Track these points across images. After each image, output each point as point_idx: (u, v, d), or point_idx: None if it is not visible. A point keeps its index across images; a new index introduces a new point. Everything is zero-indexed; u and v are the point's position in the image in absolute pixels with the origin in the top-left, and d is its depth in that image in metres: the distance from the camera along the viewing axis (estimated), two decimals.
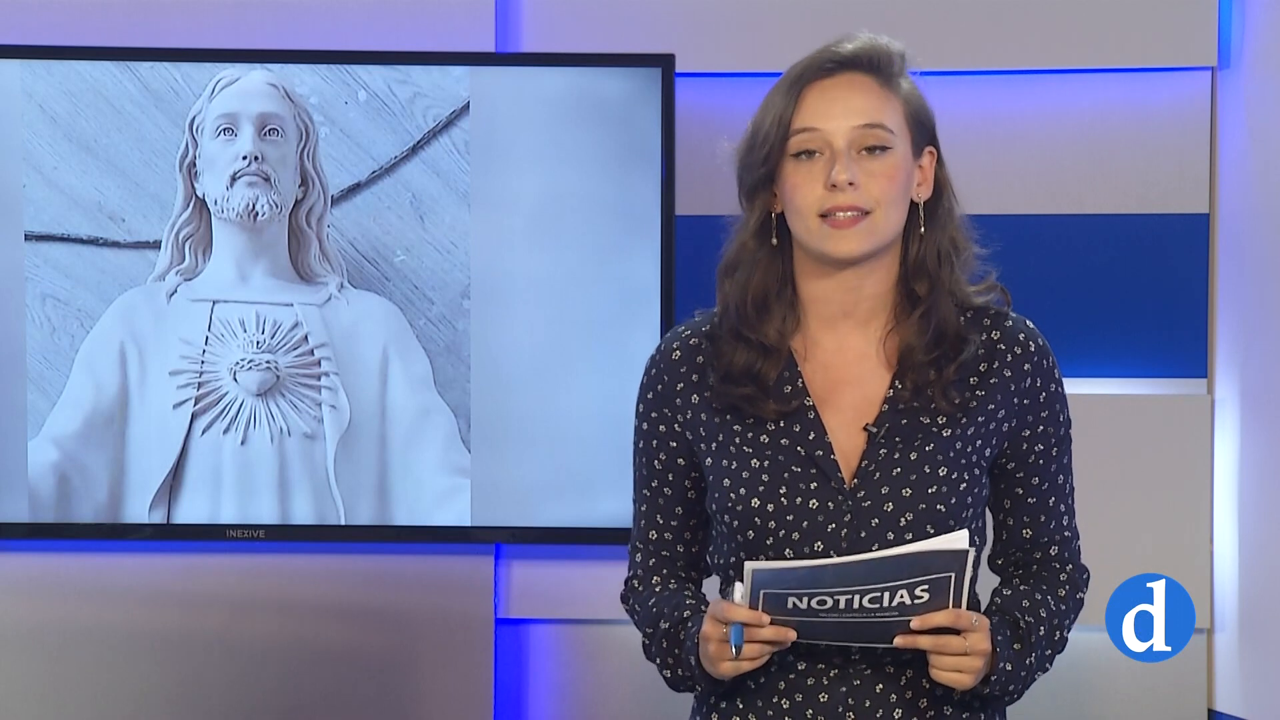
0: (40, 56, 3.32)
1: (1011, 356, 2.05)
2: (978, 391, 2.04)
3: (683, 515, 2.12)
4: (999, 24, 3.40)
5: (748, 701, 2.04)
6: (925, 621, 1.92)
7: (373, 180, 3.35)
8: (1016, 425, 2.06)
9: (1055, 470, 2.09)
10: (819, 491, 2.01)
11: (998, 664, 2.00)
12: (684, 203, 3.33)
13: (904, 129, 2.02)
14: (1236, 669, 3.39)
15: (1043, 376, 2.07)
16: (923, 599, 1.91)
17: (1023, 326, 2.08)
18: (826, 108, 2.00)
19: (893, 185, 1.99)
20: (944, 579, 1.91)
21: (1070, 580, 2.11)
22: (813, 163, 2.00)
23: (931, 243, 2.04)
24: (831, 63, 2.01)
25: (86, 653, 3.46)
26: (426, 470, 3.37)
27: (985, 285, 2.08)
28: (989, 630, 1.97)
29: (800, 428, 2.03)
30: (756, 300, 2.04)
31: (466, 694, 3.46)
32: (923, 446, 2.01)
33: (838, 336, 2.06)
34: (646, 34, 3.41)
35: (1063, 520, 2.11)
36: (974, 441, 2.03)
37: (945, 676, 1.95)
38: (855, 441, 2.03)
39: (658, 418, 2.10)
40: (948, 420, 2.02)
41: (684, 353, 2.09)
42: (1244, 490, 3.37)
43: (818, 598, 1.90)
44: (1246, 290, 3.36)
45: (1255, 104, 3.34)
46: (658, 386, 2.10)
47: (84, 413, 3.35)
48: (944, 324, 2.03)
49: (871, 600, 1.90)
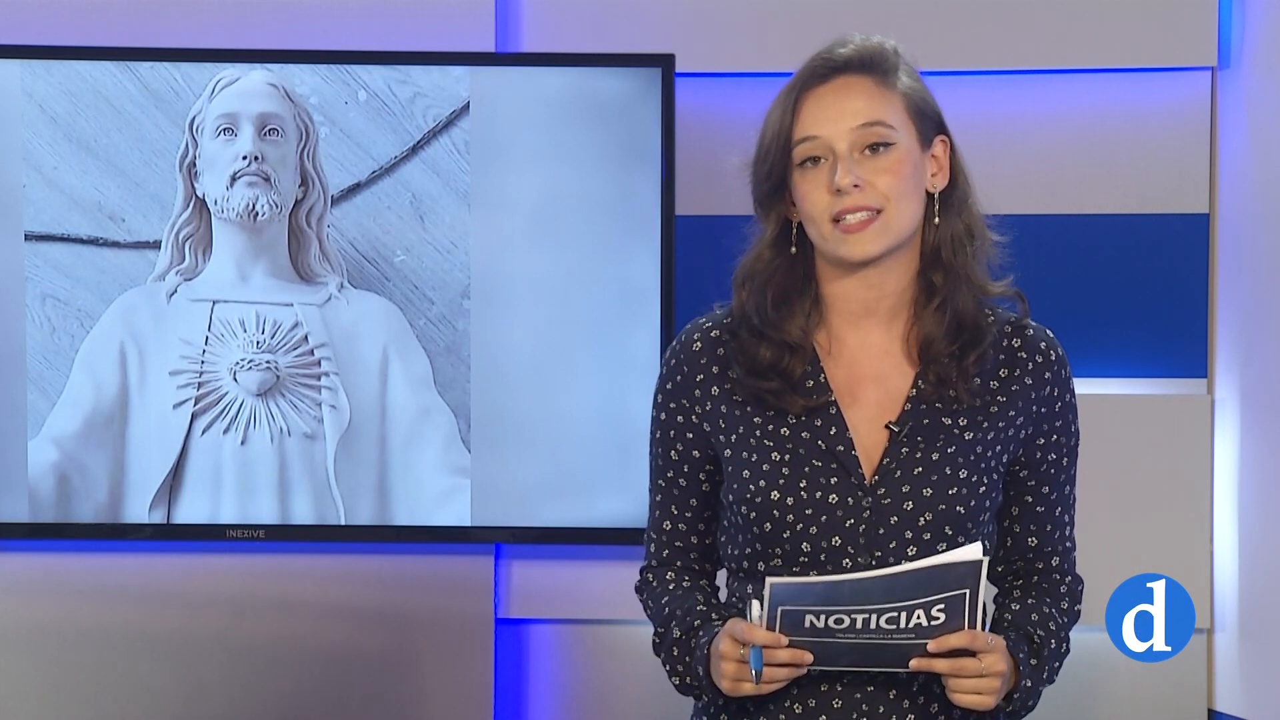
0: (40, 56, 3.32)
1: (1033, 365, 2.06)
2: (999, 397, 2.05)
3: (697, 507, 2.12)
4: (999, 24, 3.40)
5: (759, 705, 2.04)
6: (942, 644, 1.92)
7: (373, 180, 3.35)
8: (1033, 433, 2.07)
9: (1063, 481, 2.10)
10: (839, 486, 2.01)
11: (1020, 682, 2.00)
12: (684, 203, 3.33)
13: (906, 122, 2.02)
14: (1236, 669, 3.39)
15: (1060, 386, 2.08)
16: (939, 620, 1.91)
17: (1043, 336, 2.09)
18: (823, 113, 2.00)
19: (899, 180, 2.00)
20: (959, 597, 1.90)
21: (1070, 592, 2.12)
22: (818, 170, 2.00)
23: (946, 230, 2.05)
24: (825, 69, 2.02)
25: (86, 653, 3.46)
26: (426, 470, 3.37)
27: (1005, 282, 2.08)
28: (1005, 650, 1.97)
29: (822, 423, 2.03)
30: (777, 301, 2.05)
31: (466, 694, 3.46)
32: (944, 447, 2.02)
33: (861, 333, 2.06)
34: (646, 34, 3.41)
35: (1066, 530, 2.12)
36: (993, 446, 2.04)
37: (965, 700, 1.95)
38: (877, 438, 2.03)
39: (676, 408, 2.10)
40: (969, 423, 2.03)
41: (705, 344, 2.09)
42: (1244, 490, 3.37)
43: (835, 616, 1.90)
44: (1246, 290, 3.36)
45: (1255, 104, 3.34)
46: (677, 377, 2.10)
47: (84, 413, 3.35)
48: (962, 313, 2.03)
49: (889, 621, 1.90)
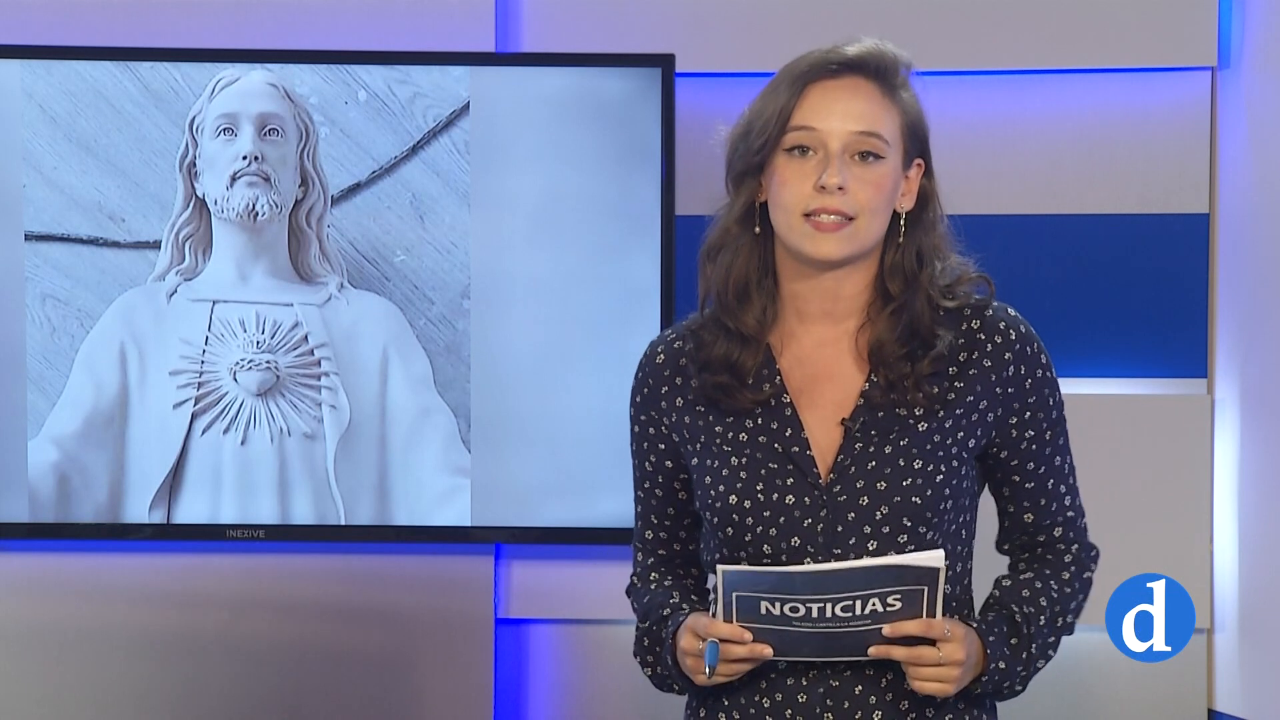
0: (40, 56, 3.32)
1: (991, 346, 2.05)
2: (956, 383, 2.04)
3: (675, 515, 2.15)
4: (999, 24, 3.40)
5: (731, 699, 2.06)
6: (897, 630, 1.93)
7: (373, 180, 3.35)
8: (1003, 414, 2.06)
9: (1051, 453, 2.09)
10: (795, 487, 2.02)
11: (989, 664, 2.01)
12: (684, 203, 3.33)
13: (899, 140, 2.02)
14: (1236, 669, 3.39)
15: (1026, 363, 2.06)
16: (895, 607, 1.92)
17: (1003, 315, 2.07)
18: (827, 108, 2.00)
19: (879, 194, 2.00)
20: (917, 591, 1.92)
21: (1076, 560, 2.11)
22: (805, 160, 2.01)
23: (910, 251, 2.05)
24: (837, 64, 2.02)
25: (86, 653, 3.46)
26: (426, 470, 3.37)
27: (964, 279, 2.07)
28: (965, 638, 1.98)
29: (778, 424, 2.04)
30: (737, 287, 2.05)
31: (466, 694, 3.46)
32: (898, 441, 2.02)
33: (815, 333, 2.07)
34: (646, 34, 3.41)
35: (1064, 501, 2.11)
36: (954, 434, 2.04)
37: (924, 687, 1.97)
38: (832, 437, 2.04)
39: (646, 420, 2.13)
40: (925, 414, 2.03)
41: (668, 355, 2.11)
42: (1244, 490, 3.37)
43: (790, 604, 1.91)
44: (1246, 290, 3.36)
45: (1255, 104, 3.34)
46: (644, 389, 2.13)
47: (84, 413, 3.35)
48: (916, 320, 2.03)
49: (844, 609, 1.91)
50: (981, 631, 2.02)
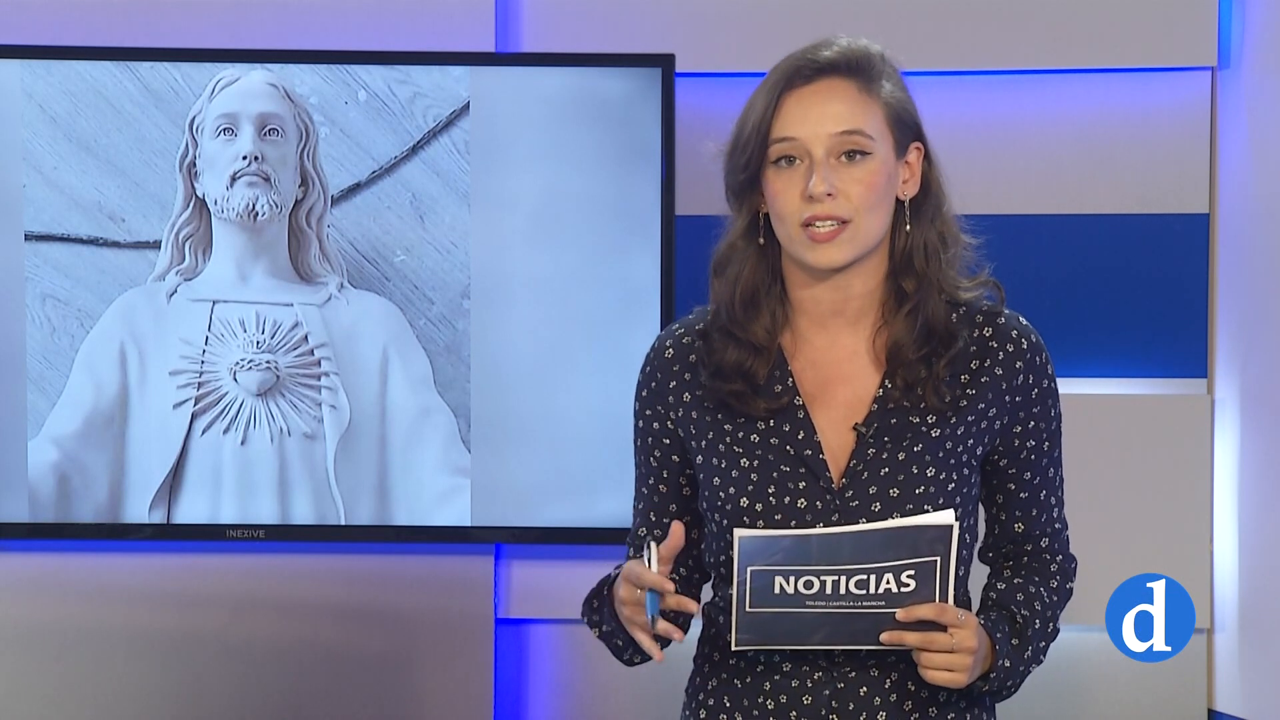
0: (40, 56, 3.32)
1: (1004, 354, 2.05)
2: (968, 390, 2.04)
3: (677, 513, 2.12)
4: (999, 24, 3.40)
5: (734, 700, 2.05)
6: (910, 613, 1.92)
7: (373, 180, 3.35)
8: (1009, 422, 2.06)
9: (1046, 465, 2.09)
10: (807, 491, 2.01)
11: (997, 661, 2.01)
12: (684, 203, 3.33)
13: (885, 132, 2.01)
14: (1236, 669, 3.39)
15: (1035, 374, 2.06)
16: (909, 587, 1.92)
17: (1015, 324, 2.07)
18: (804, 115, 1.99)
19: (872, 191, 1.99)
20: (930, 564, 1.91)
21: (1061, 570, 2.12)
22: (792, 170, 2.00)
23: (918, 239, 2.04)
24: (810, 69, 2.00)
25: (86, 653, 3.46)
26: (426, 470, 3.37)
27: (978, 280, 2.07)
28: (978, 628, 1.97)
29: (790, 427, 2.03)
30: (745, 298, 2.05)
31: (466, 694, 3.46)
32: (911, 446, 2.01)
33: (828, 335, 2.06)
34: (646, 34, 3.41)
35: (1053, 513, 2.12)
36: (964, 440, 2.03)
37: (935, 676, 1.95)
38: (844, 441, 2.03)
39: (651, 415, 2.11)
40: (937, 420, 2.02)
41: (676, 350, 2.10)
42: (1244, 490, 3.37)
43: (804, 579, 1.90)
44: (1246, 290, 3.36)
45: (1255, 104, 3.34)
46: (651, 384, 2.11)
47: (84, 413, 3.35)
48: (932, 320, 2.03)
49: (858, 585, 1.91)
50: (988, 629, 2.01)
